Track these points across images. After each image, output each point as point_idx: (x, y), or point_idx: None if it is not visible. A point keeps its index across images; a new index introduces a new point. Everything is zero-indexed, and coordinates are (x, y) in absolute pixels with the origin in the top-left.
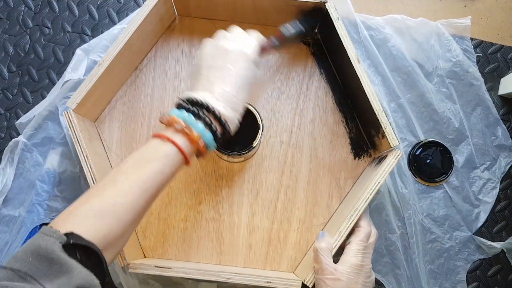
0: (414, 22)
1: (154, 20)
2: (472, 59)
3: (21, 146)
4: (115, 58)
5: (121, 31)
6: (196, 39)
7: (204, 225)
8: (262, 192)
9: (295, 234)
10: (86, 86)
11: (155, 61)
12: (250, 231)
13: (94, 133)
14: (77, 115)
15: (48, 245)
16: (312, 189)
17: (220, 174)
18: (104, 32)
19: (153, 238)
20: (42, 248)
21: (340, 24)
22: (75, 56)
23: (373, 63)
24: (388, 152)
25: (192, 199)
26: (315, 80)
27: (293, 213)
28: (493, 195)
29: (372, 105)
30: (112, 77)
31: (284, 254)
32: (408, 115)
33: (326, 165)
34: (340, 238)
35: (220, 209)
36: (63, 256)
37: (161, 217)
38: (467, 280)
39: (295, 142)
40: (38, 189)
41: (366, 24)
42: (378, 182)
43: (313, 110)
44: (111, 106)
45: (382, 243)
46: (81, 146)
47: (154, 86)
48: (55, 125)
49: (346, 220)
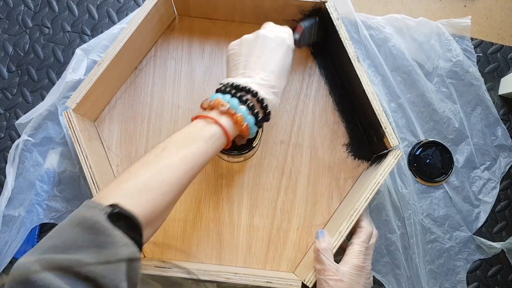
0: (414, 21)
1: (153, 20)
2: (472, 59)
3: (21, 146)
4: (114, 57)
5: (121, 31)
6: (195, 39)
7: (204, 225)
8: (262, 192)
9: (295, 234)
10: (85, 86)
11: (155, 61)
12: (250, 231)
13: (93, 133)
14: (76, 115)
15: (93, 215)
16: (312, 189)
17: (220, 174)
18: (104, 32)
19: (152, 238)
20: (87, 220)
21: (340, 24)
22: (75, 56)
23: (373, 63)
24: (388, 152)
25: (192, 199)
26: (315, 80)
27: (293, 213)
28: (493, 195)
29: (372, 105)
30: (112, 76)
31: (284, 254)
32: (408, 115)
33: (326, 165)
34: (340, 238)
35: (220, 209)
36: (109, 226)
37: None
38: (467, 280)
39: (295, 142)
40: (37, 189)
41: (366, 24)
42: (378, 182)
43: (313, 110)
44: (111, 106)
45: (382, 243)
46: (81, 146)
47: (154, 86)
48: (54, 125)
49: (346, 220)
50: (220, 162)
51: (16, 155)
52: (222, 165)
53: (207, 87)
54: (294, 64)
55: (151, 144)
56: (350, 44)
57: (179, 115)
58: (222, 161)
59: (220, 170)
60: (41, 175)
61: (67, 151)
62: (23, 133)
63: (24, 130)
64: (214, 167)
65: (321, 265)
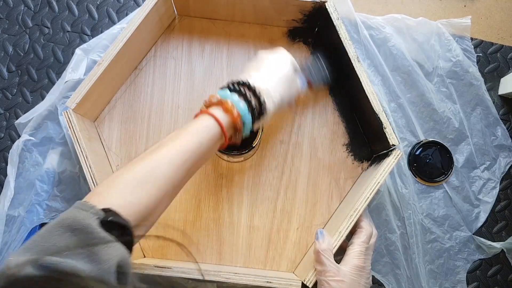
0: (414, 21)
1: (153, 20)
2: (472, 59)
3: (21, 146)
4: (114, 57)
5: (121, 31)
6: (195, 39)
7: (204, 225)
8: (262, 191)
9: (295, 234)
10: (85, 86)
11: (155, 61)
12: (250, 231)
13: (93, 133)
14: (76, 115)
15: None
16: (312, 188)
17: (220, 174)
18: (104, 31)
19: (152, 238)
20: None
21: (340, 24)
22: (75, 56)
23: (373, 63)
24: (388, 152)
25: (192, 199)
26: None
27: (293, 213)
28: (493, 195)
29: (372, 105)
30: (112, 76)
31: (284, 254)
32: (408, 114)
33: (326, 165)
34: (340, 238)
35: (220, 209)
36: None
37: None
38: (467, 280)
39: (295, 141)
40: (37, 189)
41: (366, 24)
42: (378, 182)
43: (313, 109)
44: (111, 106)
45: (382, 243)
46: (81, 146)
47: (154, 86)
48: (54, 124)
49: (346, 220)
50: (220, 162)
51: (16, 155)
52: (222, 165)
53: (207, 87)
54: None
55: (151, 144)
56: (350, 44)
57: (179, 115)
58: (222, 161)
59: (220, 170)
60: (41, 175)
61: (67, 151)
62: (23, 133)
63: (24, 130)
64: (214, 167)
65: (322, 266)
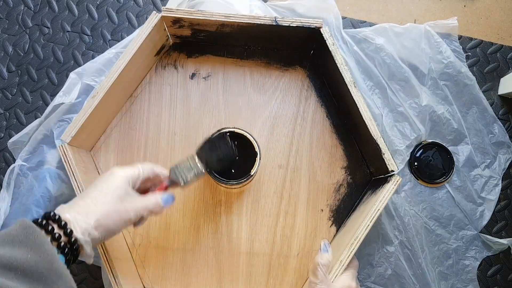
0: (402, 28)
1: (148, 48)
2: (462, 59)
3: (17, 171)
4: (109, 89)
5: (115, 55)
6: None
7: (203, 253)
8: (261, 217)
9: (295, 260)
10: (80, 119)
11: (150, 87)
12: (250, 258)
13: (90, 163)
14: (72, 148)
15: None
16: (311, 213)
17: (218, 201)
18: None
19: (151, 267)
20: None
21: (336, 49)
22: (68, 80)
23: (368, 76)
24: (387, 177)
25: (191, 227)
26: (311, 103)
27: (292, 238)
28: (496, 192)
29: (370, 130)
30: (107, 106)
31: (285, 280)
32: (409, 119)
33: (325, 189)
34: (341, 267)
35: (219, 236)
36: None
37: (160, 245)
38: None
39: (293, 166)
40: (33, 213)
41: (355, 39)
42: (378, 209)
43: (311, 133)
44: (107, 134)
45: (382, 256)
46: (77, 180)
47: (150, 113)
48: (50, 148)
49: (346, 249)
50: (218, 188)
51: (12, 180)
52: (220, 191)
53: (204, 112)
54: (290, 88)
55: None
56: (346, 70)
57: (176, 142)
58: (220, 187)
59: (219, 196)
60: (37, 200)
61: (63, 174)
62: (18, 158)
63: (20, 154)
64: (212, 193)
65: (316, 279)
